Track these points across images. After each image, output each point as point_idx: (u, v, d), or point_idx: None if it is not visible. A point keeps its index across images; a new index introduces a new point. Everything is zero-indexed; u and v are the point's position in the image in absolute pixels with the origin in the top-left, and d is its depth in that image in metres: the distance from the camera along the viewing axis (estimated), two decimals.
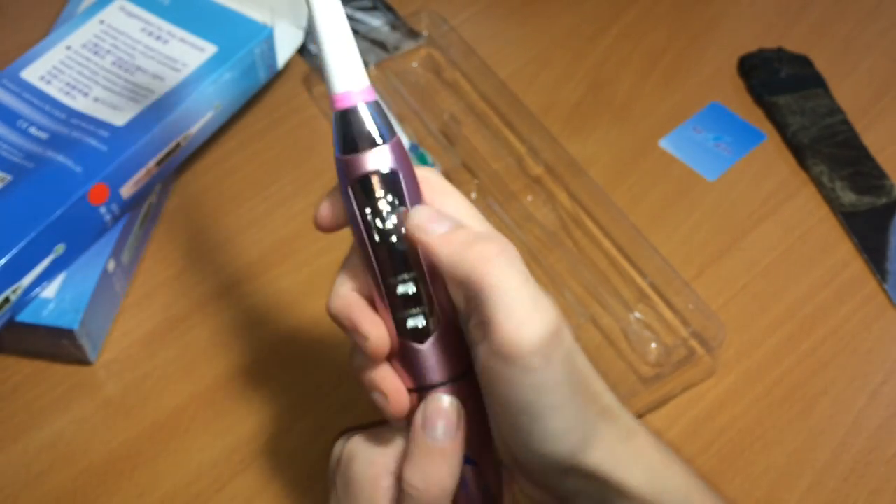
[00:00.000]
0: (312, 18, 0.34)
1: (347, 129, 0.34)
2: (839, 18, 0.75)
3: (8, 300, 0.50)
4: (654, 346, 0.55)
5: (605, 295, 0.57)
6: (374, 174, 0.34)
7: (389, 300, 0.35)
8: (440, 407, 0.35)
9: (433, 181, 0.37)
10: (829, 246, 0.61)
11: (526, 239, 0.59)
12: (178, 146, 0.57)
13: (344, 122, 0.34)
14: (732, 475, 0.51)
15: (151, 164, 0.56)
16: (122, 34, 0.60)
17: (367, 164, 0.34)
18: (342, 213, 0.36)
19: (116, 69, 0.58)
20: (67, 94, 0.57)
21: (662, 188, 0.64)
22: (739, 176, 0.64)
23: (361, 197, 0.35)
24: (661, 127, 0.67)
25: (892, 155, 0.65)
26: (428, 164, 0.63)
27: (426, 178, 0.36)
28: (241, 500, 0.49)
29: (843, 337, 0.56)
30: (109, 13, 0.61)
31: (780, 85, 0.69)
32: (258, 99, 0.67)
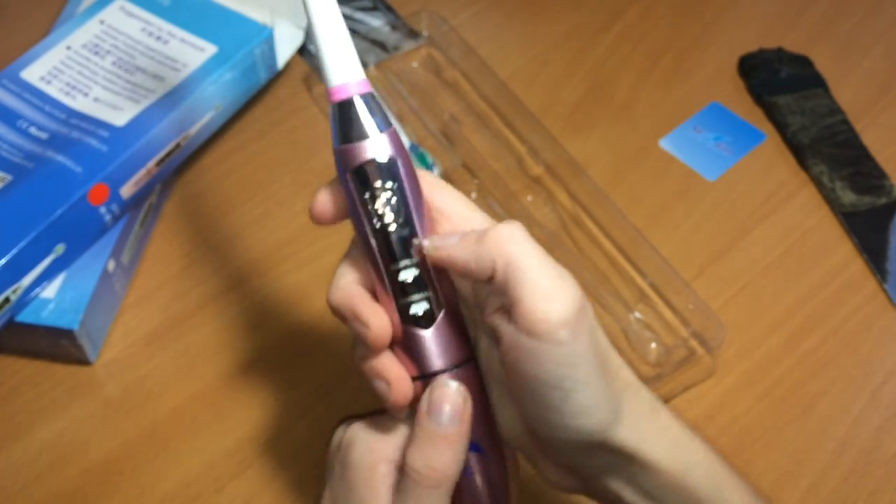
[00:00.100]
0: (308, 13, 0.35)
1: (344, 120, 0.35)
2: (839, 18, 0.75)
3: (8, 300, 0.50)
4: (654, 346, 0.55)
5: (605, 295, 0.57)
6: (372, 162, 0.35)
7: (392, 287, 0.36)
8: (446, 392, 0.35)
9: (430, 177, 0.37)
10: (829, 246, 0.61)
11: None
12: (178, 146, 0.57)
13: (341, 113, 0.35)
14: None
15: (151, 164, 0.56)
16: (122, 34, 0.60)
17: (365, 152, 0.35)
18: (340, 205, 0.37)
19: (116, 69, 0.58)
20: (67, 94, 0.57)
21: (662, 188, 0.64)
22: (739, 176, 0.64)
23: (360, 185, 0.35)
24: (661, 127, 0.67)
25: (892, 155, 0.65)
26: (428, 164, 0.63)
27: (423, 175, 0.37)
28: (241, 500, 0.49)
29: (843, 337, 0.56)
30: (109, 13, 0.61)
31: (780, 85, 0.69)
32: (258, 99, 0.67)
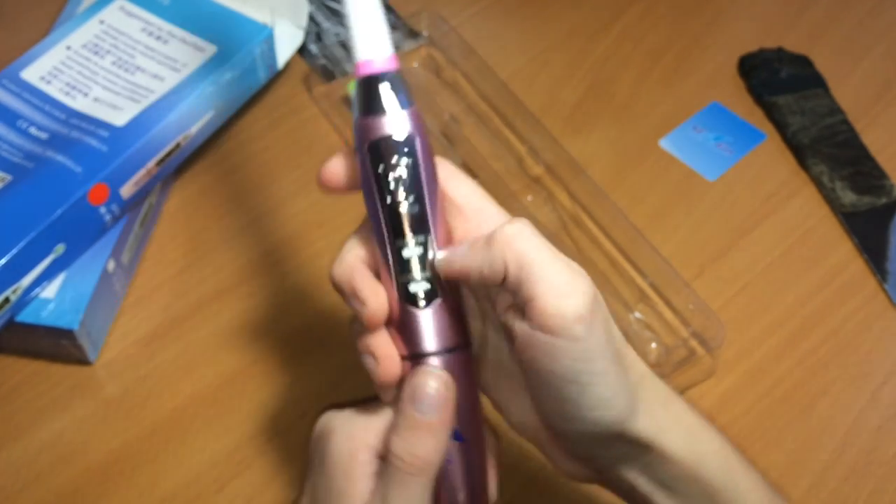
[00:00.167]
0: None
1: (368, 94, 0.35)
2: (839, 18, 0.75)
3: (8, 300, 0.50)
4: (654, 346, 0.55)
5: (605, 295, 0.56)
6: (389, 138, 0.35)
7: (394, 263, 0.36)
8: (427, 380, 0.35)
9: (447, 165, 0.37)
10: (829, 246, 0.61)
11: None
12: (178, 146, 0.57)
13: (366, 87, 0.35)
14: None
15: (151, 164, 0.56)
16: (122, 34, 0.60)
17: (383, 127, 0.35)
18: (350, 175, 0.36)
19: (116, 69, 0.58)
20: (67, 94, 0.57)
21: (662, 188, 0.64)
22: (739, 176, 0.64)
23: (375, 159, 0.35)
24: (661, 127, 0.67)
25: (892, 155, 0.65)
26: None
27: (440, 161, 0.37)
28: (241, 500, 0.49)
29: (843, 337, 0.56)
30: (109, 13, 0.61)
31: (780, 85, 0.69)
32: (258, 99, 0.67)
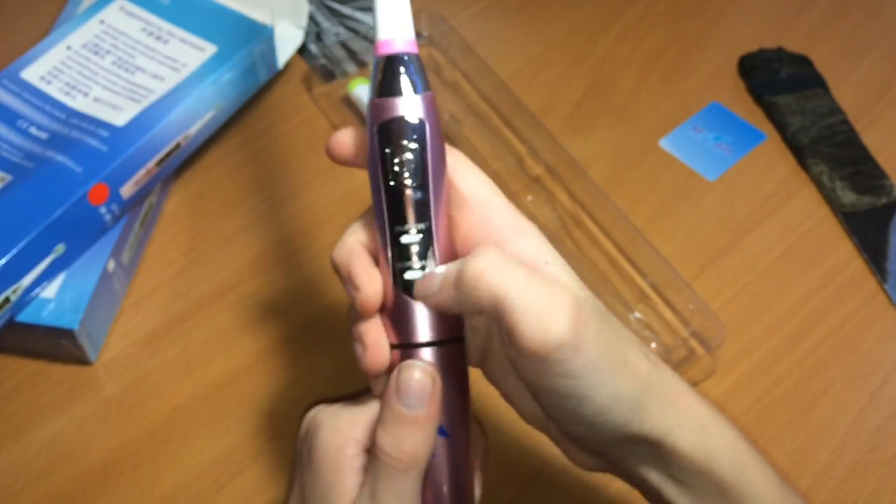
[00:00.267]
0: None
1: (384, 74, 0.35)
2: (839, 18, 0.75)
3: (8, 300, 0.50)
4: (654, 346, 0.55)
5: (605, 295, 0.57)
6: (399, 120, 0.35)
7: (392, 248, 0.35)
8: (413, 373, 0.34)
9: (457, 155, 0.37)
10: (829, 246, 0.61)
11: None
12: (178, 146, 0.57)
13: (383, 67, 0.35)
14: None
15: (151, 164, 0.56)
16: (122, 34, 0.60)
17: (395, 109, 0.34)
18: (357, 149, 0.36)
19: (116, 69, 0.58)
20: (67, 94, 0.57)
21: (662, 188, 0.64)
22: (739, 176, 0.64)
23: (383, 140, 0.35)
24: (661, 127, 0.67)
25: (892, 155, 0.65)
26: None
27: (451, 151, 0.37)
28: (241, 500, 0.49)
29: (843, 337, 0.56)
30: (109, 13, 0.61)
31: (780, 85, 0.69)
32: (258, 99, 0.67)
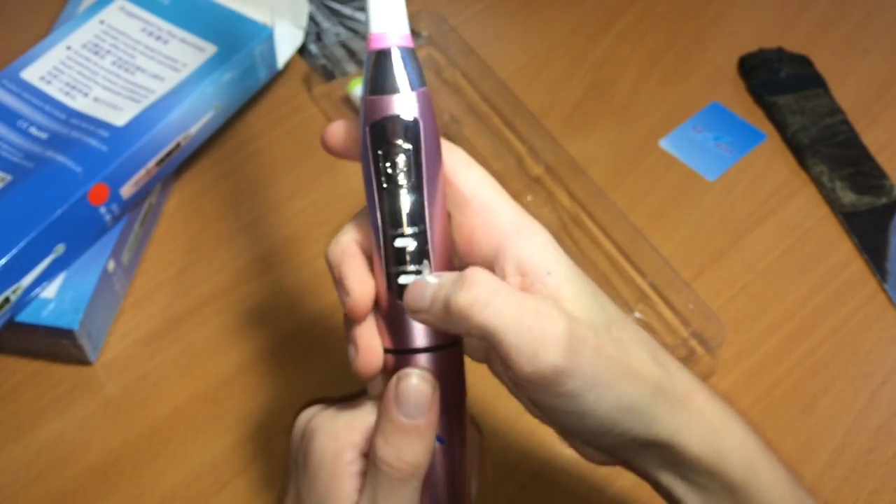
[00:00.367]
0: None
1: (377, 70, 0.33)
2: (839, 18, 0.75)
3: (8, 300, 0.50)
4: None
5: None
6: (393, 119, 0.33)
7: (386, 253, 0.34)
8: (412, 381, 0.34)
9: (459, 153, 0.36)
10: (829, 246, 0.61)
11: None
12: (178, 146, 0.57)
13: (376, 63, 0.33)
14: None
15: (151, 164, 0.56)
16: (122, 34, 0.60)
17: (389, 107, 0.33)
18: (351, 143, 0.35)
19: (116, 69, 0.58)
20: (67, 94, 0.57)
21: (662, 188, 0.64)
22: (739, 176, 0.64)
23: (376, 140, 0.33)
24: (661, 127, 0.67)
25: (892, 155, 0.65)
26: None
27: (453, 149, 0.36)
28: (240, 500, 0.49)
29: (843, 337, 0.56)
30: (109, 13, 0.61)
31: (780, 85, 0.69)
32: (258, 99, 0.67)
